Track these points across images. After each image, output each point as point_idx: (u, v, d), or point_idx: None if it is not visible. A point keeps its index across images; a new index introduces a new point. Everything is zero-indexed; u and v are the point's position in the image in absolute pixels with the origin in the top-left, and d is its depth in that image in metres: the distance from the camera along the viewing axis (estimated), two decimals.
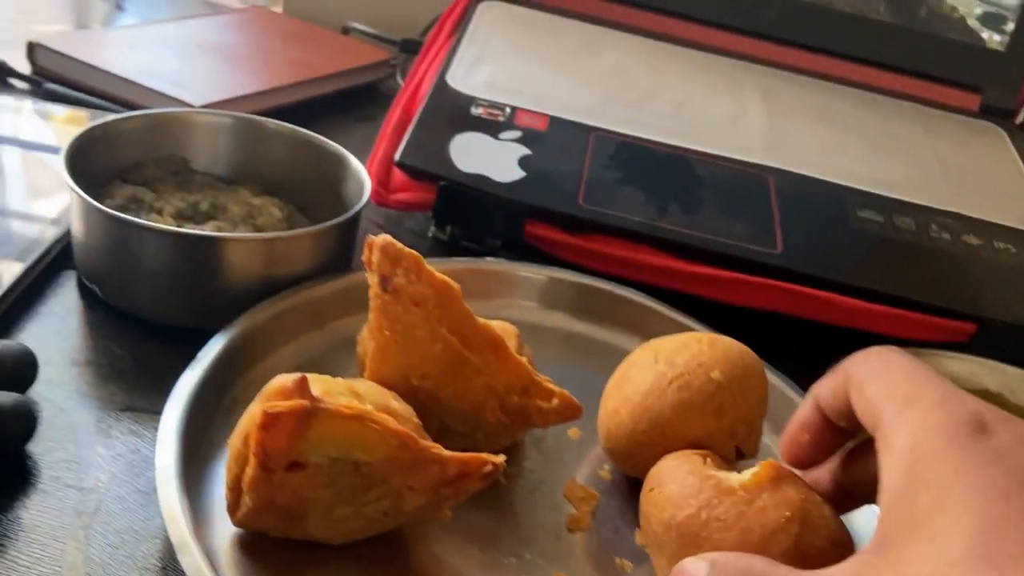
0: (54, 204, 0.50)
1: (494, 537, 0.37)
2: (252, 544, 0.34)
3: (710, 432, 0.37)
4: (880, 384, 0.28)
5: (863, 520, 0.36)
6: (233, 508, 0.33)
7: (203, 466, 0.36)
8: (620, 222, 0.55)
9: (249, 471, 0.31)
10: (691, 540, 0.32)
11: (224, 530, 0.34)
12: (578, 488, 0.40)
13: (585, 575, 0.36)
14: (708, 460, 0.34)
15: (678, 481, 0.33)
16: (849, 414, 0.30)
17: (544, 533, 0.38)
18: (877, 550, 0.25)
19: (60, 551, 0.32)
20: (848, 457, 0.33)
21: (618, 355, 0.43)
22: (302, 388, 0.30)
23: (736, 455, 0.37)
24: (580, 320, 0.51)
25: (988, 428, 0.25)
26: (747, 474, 0.33)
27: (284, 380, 0.30)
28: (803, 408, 0.32)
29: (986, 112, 0.77)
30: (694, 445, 0.36)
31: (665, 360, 0.38)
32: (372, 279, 0.38)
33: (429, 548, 0.36)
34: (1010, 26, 0.77)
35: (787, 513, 0.31)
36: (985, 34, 0.78)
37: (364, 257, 0.38)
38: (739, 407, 0.37)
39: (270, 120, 0.52)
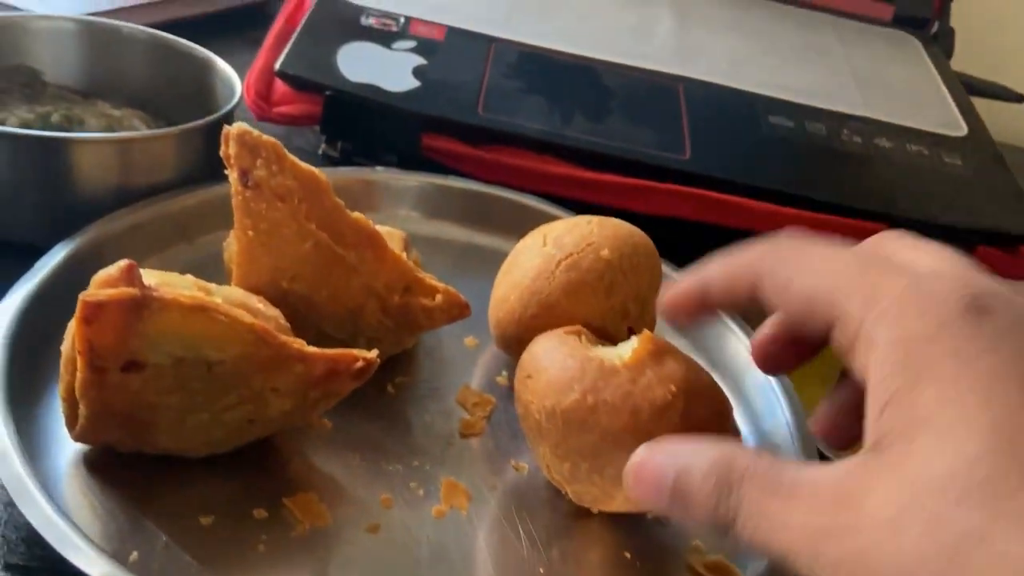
0: None
1: (379, 446, 0.34)
2: (100, 462, 0.30)
3: (601, 312, 0.35)
4: (816, 278, 0.24)
5: None
6: (71, 421, 0.29)
7: (42, 388, 0.32)
8: (523, 131, 0.52)
9: (79, 374, 0.27)
10: (578, 426, 0.29)
11: (66, 449, 0.30)
12: (472, 394, 0.38)
13: (477, 479, 0.34)
14: (583, 338, 0.32)
15: (557, 365, 0.30)
16: (744, 303, 0.27)
17: (435, 440, 0.35)
18: (873, 452, 0.21)
19: None
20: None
21: None
22: (130, 275, 0.26)
23: (629, 336, 0.35)
24: (473, 229, 0.48)
25: (984, 307, 0.21)
26: (626, 349, 0.30)
27: (108, 269, 0.27)
28: (686, 286, 0.28)
29: (900, 22, 0.76)
30: (585, 327, 0.34)
31: (554, 242, 0.36)
32: (232, 174, 0.34)
33: (306, 459, 0.33)
34: None
35: (672, 388, 0.29)
36: None
37: (222, 151, 0.35)
38: (630, 285, 0.35)
39: (124, 23, 0.47)
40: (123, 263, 0.27)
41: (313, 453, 0.33)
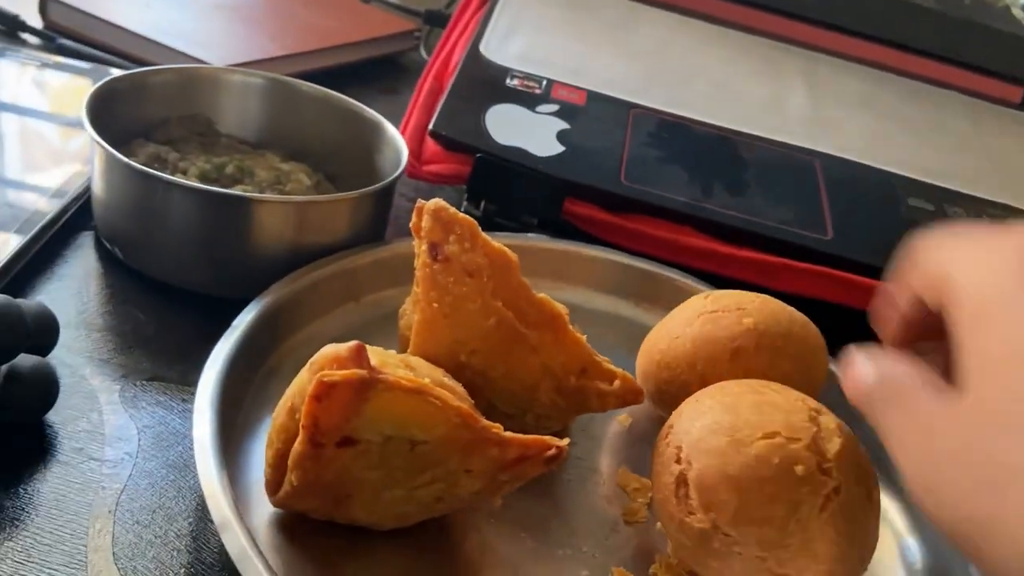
0: (52, 176, 0.45)
1: (546, 527, 0.35)
2: (292, 526, 0.31)
3: (720, 375, 0.36)
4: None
5: None
6: (273, 487, 0.30)
7: (238, 441, 0.33)
8: (664, 202, 0.52)
9: (297, 446, 0.28)
10: None
11: (262, 511, 0.31)
12: (632, 478, 0.38)
13: (645, 571, 0.34)
14: None
15: None
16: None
17: (600, 525, 0.35)
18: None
19: (84, 528, 0.29)
20: None
21: None
22: (359, 357, 0.27)
23: None
24: (632, 304, 0.49)
25: None
26: None
27: (338, 348, 0.28)
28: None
29: None
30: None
31: (713, 300, 0.39)
32: (420, 247, 0.35)
33: (481, 536, 0.33)
34: None
35: None
36: None
37: (412, 223, 0.35)
38: (762, 363, 0.36)
39: (305, 83, 0.49)
40: (353, 344, 0.27)
41: (487, 530, 0.34)
